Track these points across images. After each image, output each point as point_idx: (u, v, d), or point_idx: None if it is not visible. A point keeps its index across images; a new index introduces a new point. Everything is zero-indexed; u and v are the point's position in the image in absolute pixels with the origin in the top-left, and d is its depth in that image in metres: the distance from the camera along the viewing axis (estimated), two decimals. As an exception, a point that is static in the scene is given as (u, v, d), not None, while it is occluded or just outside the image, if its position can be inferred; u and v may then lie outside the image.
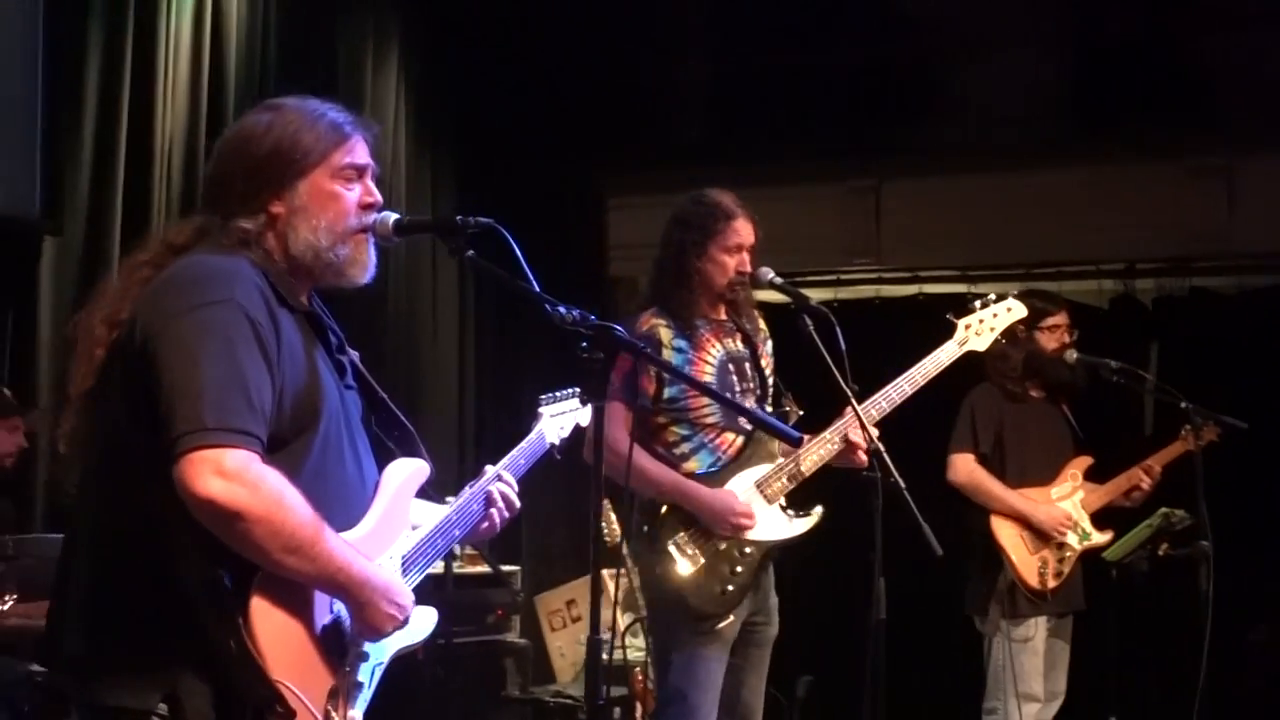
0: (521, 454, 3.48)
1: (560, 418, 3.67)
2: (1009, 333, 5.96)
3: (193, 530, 2.54)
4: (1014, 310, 5.28)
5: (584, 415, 3.70)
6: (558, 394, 3.71)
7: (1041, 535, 6.16)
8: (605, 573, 3.27)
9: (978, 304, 5.23)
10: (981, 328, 5.19)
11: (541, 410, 3.67)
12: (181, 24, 6.04)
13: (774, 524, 4.83)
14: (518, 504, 3.32)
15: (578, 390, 3.64)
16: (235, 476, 2.51)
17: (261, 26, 6.55)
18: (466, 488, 3.24)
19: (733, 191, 5.00)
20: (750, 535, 4.76)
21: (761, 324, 5.07)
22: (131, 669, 2.61)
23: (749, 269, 4.88)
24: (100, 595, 2.67)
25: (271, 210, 2.82)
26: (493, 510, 3.26)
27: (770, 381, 5.02)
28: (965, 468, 6.22)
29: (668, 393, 4.78)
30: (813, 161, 8.67)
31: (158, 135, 5.86)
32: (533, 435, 3.56)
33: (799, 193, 8.43)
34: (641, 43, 8.88)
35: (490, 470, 3.32)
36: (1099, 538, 6.30)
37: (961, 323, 5.18)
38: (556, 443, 3.64)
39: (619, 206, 8.85)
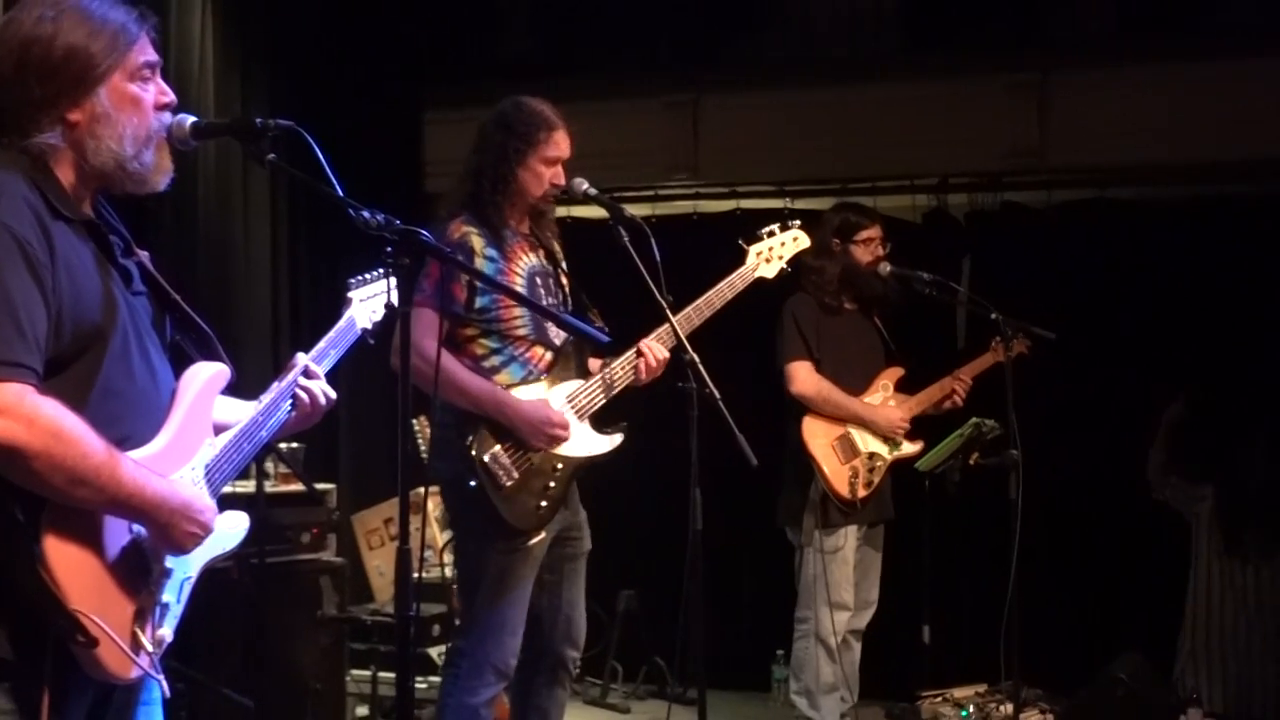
0: (330, 343, 3.34)
1: (370, 301, 3.50)
2: (823, 246, 6.04)
3: None
4: (800, 240, 5.36)
5: (395, 296, 3.56)
6: (366, 276, 3.54)
7: (851, 446, 6.24)
8: (425, 490, 3.23)
9: (765, 231, 5.27)
10: (771, 255, 5.24)
11: (350, 295, 3.50)
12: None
13: (585, 440, 4.82)
14: (331, 394, 3.21)
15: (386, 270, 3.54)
16: (8, 412, 2.41)
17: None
18: (274, 383, 3.13)
19: (551, 104, 4.94)
20: (562, 450, 4.74)
21: (558, 244, 5.04)
22: None
23: (563, 182, 4.85)
24: None
25: (69, 119, 2.69)
26: (301, 405, 3.15)
27: (572, 297, 5.00)
28: (810, 377, 6.27)
29: (479, 302, 4.72)
30: (632, 75, 8.64)
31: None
32: (342, 322, 3.42)
33: (617, 107, 8.38)
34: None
35: (299, 360, 3.20)
36: (909, 448, 6.41)
37: (752, 249, 5.24)
38: (369, 327, 3.48)
39: (436, 121, 8.72)
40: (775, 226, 5.30)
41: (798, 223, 5.34)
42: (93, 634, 2.52)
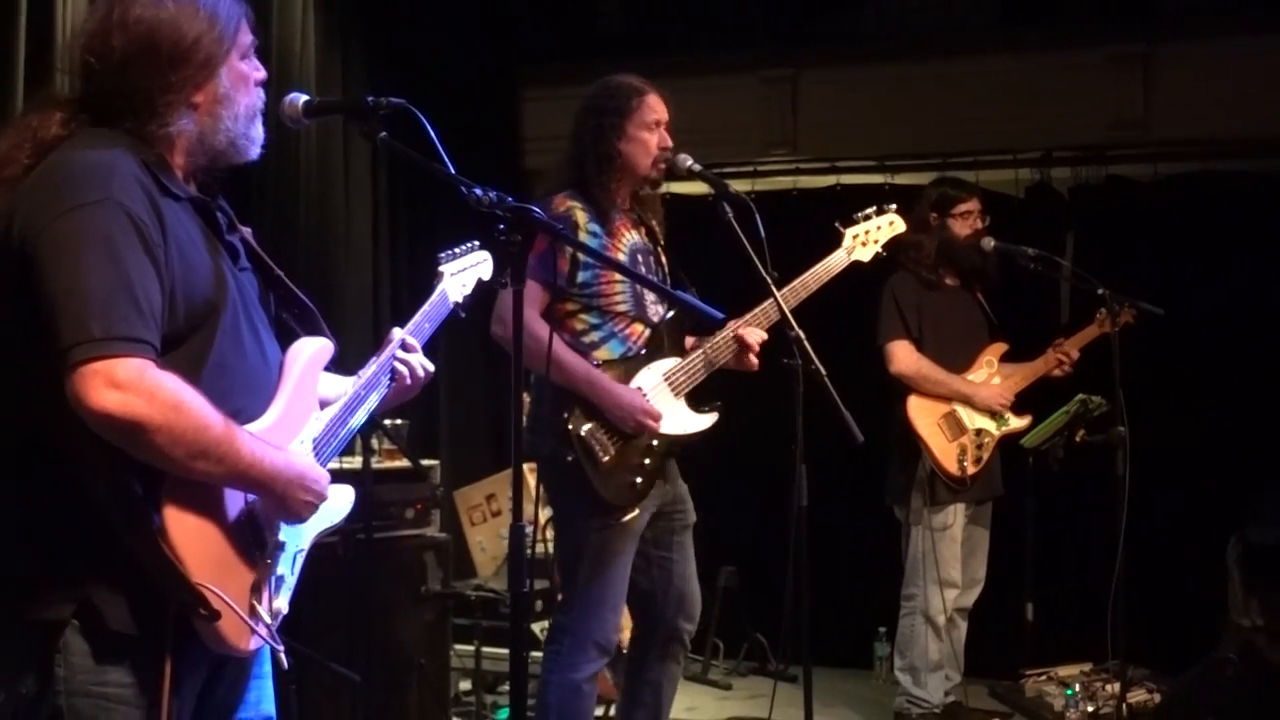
0: (425, 317, 3.34)
1: (462, 275, 3.50)
2: (921, 221, 5.99)
3: (96, 439, 2.46)
4: (895, 224, 5.29)
5: (486, 269, 3.54)
6: (457, 250, 3.54)
7: (958, 423, 6.20)
8: (526, 466, 3.23)
9: (860, 215, 5.23)
10: (866, 238, 5.19)
11: (442, 269, 3.50)
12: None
13: (680, 418, 4.81)
14: (429, 366, 3.22)
15: (476, 244, 3.52)
16: (129, 387, 2.42)
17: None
18: (372, 360, 3.14)
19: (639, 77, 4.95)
20: (658, 428, 4.74)
21: (659, 224, 5.02)
22: (40, 580, 2.55)
23: (669, 143, 4.84)
24: (4, 506, 2.60)
25: (194, 101, 2.72)
26: (400, 378, 3.16)
27: (671, 276, 4.99)
28: (909, 356, 6.25)
29: (581, 277, 4.72)
30: (730, 52, 8.61)
31: (59, 23, 5.68)
32: (435, 296, 3.41)
33: (716, 83, 8.36)
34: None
35: (395, 335, 3.21)
36: (1017, 423, 6.36)
37: (849, 232, 5.19)
38: (460, 300, 3.48)
39: (534, 99, 8.75)
40: (871, 210, 5.24)
41: (893, 206, 5.28)
42: (215, 606, 2.54)
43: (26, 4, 5.46)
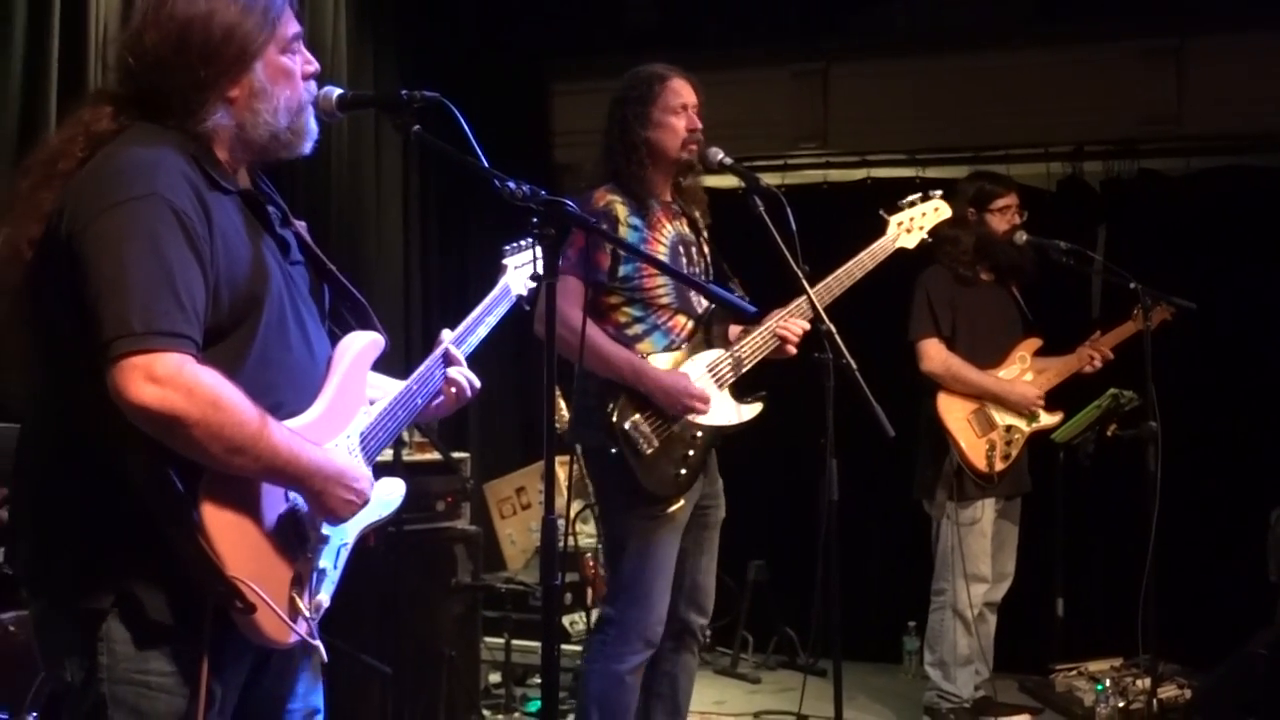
0: (486, 310, 3.39)
1: (526, 268, 3.52)
2: (958, 215, 5.96)
3: (138, 432, 2.47)
4: (941, 210, 5.29)
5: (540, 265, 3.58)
6: (521, 243, 3.57)
7: (988, 420, 6.19)
8: (556, 459, 3.23)
9: (906, 202, 5.22)
10: (911, 225, 5.19)
11: (506, 261, 3.54)
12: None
13: (724, 409, 4.82)
14: (475, 382, 3.24)
15: None
16: (168, 381, 2.44)
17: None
18: (426, 359, 3.16)
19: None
20: (702, 420, 4.75)
21: (703, 214, 5.02)
22: (82, 569, 2.57)
23: (698, 125, 4.84)
24: (49, 496, 2.62)
25: (229, 96, 2.73)
26: (448, 393, 3.20)
27: (714, 266, 5.00)
28: (939, 354, 6.24)
29: (622, 270, 4.73)
30: (761, 45, 8.60)
31: (91, 20, 5.70)
32: (497, 289, 3.45)
33: (746, 77, 8.37)
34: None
35: (446, 335, 3.24)
36: (1048, 419, 6.35)
37: (894, 219, 5.19)
38: (524, 293, 3.51)
39: (564, 92, 8.77)
40: (916, 196, 5.24)
41: (939, 192, 5.28)
42: (250, 600, 2.55)
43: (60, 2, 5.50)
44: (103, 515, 2.56)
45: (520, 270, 3.54)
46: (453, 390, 3.20)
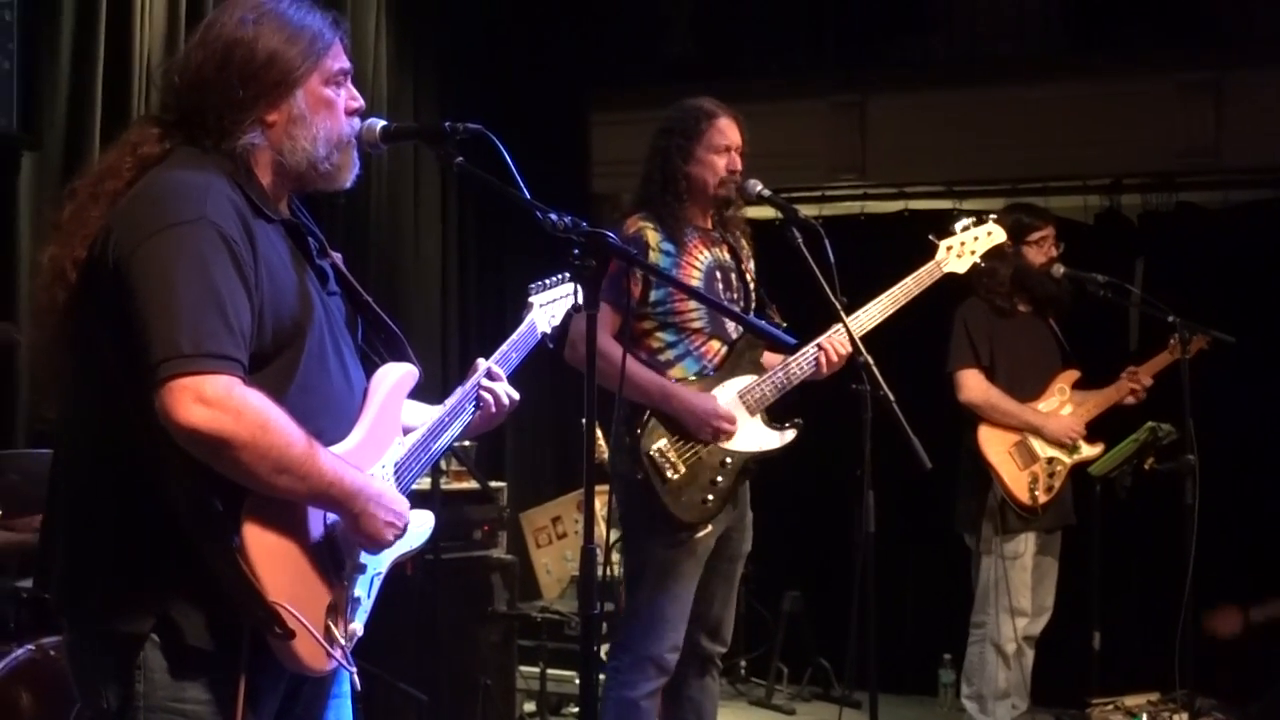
0: (513, 346, 3.40)
1: (551, 306, 3.56)
2: (996, 248, 5.95)
3: (179, 454, 2.49)
4: (994, 234, 5.28)
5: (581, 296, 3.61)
6: (547, 281, 3.59)
7: (1029, 452, 6.17)
8: (590, 489, 3.25)
9: (958, 226, 5.21)
10: (962, 250, 5.18)
11: (531, 300, 3.56)
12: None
13: (755, 435, 4.81)
14: (515, 395, 3.26)
15: (567, 275, 3.54)
16: (217, 403, 2.45)
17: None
18: (458, 388, 3.18)
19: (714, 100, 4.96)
20: (731, 445, 4.75)
21: (746, 242, 5.03)
22: (121, 593, 2.58)
23: (739, 167, 4.85)
24: (87, 519, 2.63)
25: (267, 120, 2.75)
26: (485, 407, 3.21)
27: (754, 294, 5.00)
28: (978, 385, 6.21)
29: (653, 296, 4.74)
30: (799, 77, 8.63)
31: (136, 45, 5.76)
32: (523, 326, 3.47)
33: (784, 108, 8.37)
34: (626, -43, 8.82)
35: (481, 365, 3.26)
36: (1089, 450, 6.32)
37: (943, 244, 5.17)
38: (548, 331, 3.54)
39: (603, 123, 8.80)
40: (970, 220, 5.23)
41: (993, 216, 5.28)
42: (290, 626, 2.56)
43: (105, 20, 5.56)
44: (143, 539, 2.57)
45: (545, 308, 3.57)
46: (490, 401, 3.21)
